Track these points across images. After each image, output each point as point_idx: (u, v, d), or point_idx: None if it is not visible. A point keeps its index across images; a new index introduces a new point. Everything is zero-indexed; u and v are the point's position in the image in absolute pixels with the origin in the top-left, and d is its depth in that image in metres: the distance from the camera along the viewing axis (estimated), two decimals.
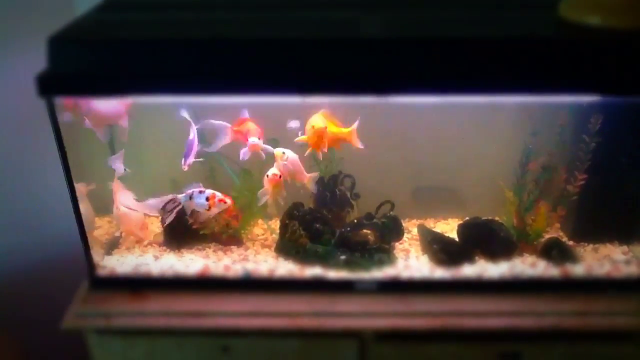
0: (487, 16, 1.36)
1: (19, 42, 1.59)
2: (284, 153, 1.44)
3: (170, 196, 1.42)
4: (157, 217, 1.56)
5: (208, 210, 1.41)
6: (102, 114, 1.39)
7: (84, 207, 1.40)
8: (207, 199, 1.40)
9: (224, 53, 1.18)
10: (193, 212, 1.43)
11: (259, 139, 1.43)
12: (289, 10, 1.40)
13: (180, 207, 1.42)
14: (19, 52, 1.59)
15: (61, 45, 1.18)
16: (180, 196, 1.42)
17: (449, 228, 1.63)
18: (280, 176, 1.44)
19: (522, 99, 1.23)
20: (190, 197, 1.41)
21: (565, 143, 1.44)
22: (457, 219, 1.63)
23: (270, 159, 1.47)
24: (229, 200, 1.42)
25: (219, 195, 1.41)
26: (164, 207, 1.41)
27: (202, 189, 1.42)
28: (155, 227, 1.64)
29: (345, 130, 1.44)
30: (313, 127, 1.41)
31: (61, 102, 1.31)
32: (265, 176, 1.44)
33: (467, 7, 1.41)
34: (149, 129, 1.53)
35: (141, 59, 1.18)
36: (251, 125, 1.43)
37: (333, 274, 1.43)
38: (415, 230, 1.61)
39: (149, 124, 1.51)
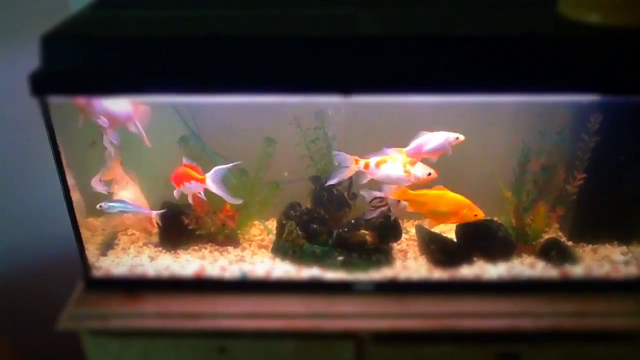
0: (486, 14, 1.35)
1: (12, 41, 1.57)
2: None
3: (378, 193, 1.40)
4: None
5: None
6: (113, 115, 1.39)
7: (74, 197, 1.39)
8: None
9: (220, 51, 1.16)
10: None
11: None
12: (286, 7, 1.39)
13: (386, 207, 1.41)
14: (13, 51, 1.57)
15: (54, 43, 1.16)
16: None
17: (447, 228, 1.62)
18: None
19: (520, 98, 1.22)
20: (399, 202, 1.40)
21: (565, 142, 1.44)
22: None
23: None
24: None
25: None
26: (370, 201, 1.41)
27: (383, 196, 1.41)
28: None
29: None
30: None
31: (72, 102, 1.33)
32: (427, 174, 1.39)
33: (466, 5, 1.40)
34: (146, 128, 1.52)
35: (136, 57, 1.16)
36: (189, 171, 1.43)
37: (330, 274, 1.42)
38: (413, 231, 1.61)
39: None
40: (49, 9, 1.47)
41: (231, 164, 1.43)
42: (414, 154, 1.41)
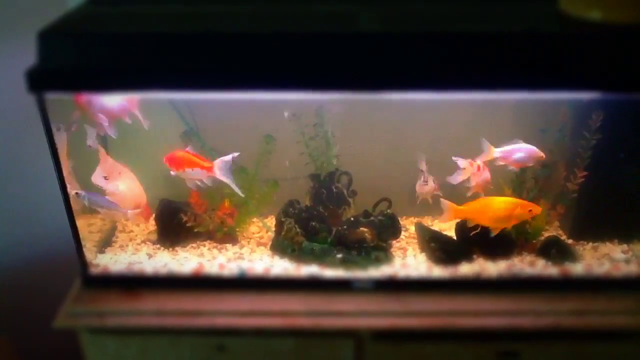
0: (487, 11, 1.34)
1: (9, 37, 1.57)
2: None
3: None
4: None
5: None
6: (110, 110, 1.39)
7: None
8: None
9: (216, 48, 1.15)
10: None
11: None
12: (283, 4, 1.38)
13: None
14: (10, 47, 1.56)
15: (51, 39, 1.15)
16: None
17: (447, 226, 1.62)
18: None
19: (521, 95, 1.21)
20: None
21: (565, 140, 1.43)
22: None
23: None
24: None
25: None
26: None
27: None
28: (149, 224, 1.62)
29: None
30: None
31: (72, 99, 1.33)
32: None
33: (468, 2, 1.39)
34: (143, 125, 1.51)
35: (132, 53, 1.15)
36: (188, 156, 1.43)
37: (329, 272, 1.41)
38: (412, 228, 1.60)
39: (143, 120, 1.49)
40: (46, 6, 1.46)
41: (232, 155, 1.42)
42: (504, 158, 1.43)
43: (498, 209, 1.39)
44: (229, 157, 1.42)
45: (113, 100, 1.38)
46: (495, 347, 1.34)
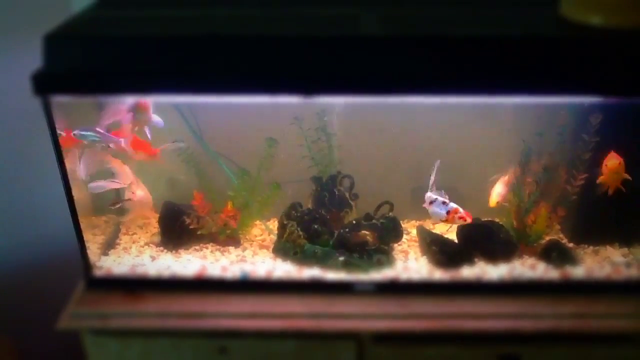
0: (488, 15, 1.35)
1: (15, 40, 1.58)
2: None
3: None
4: None
5: (443, 221, 1.43)
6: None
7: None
8: (448, 212, 1.40)
9: (222, 51, 1.16)
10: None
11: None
12: (286, 7, 1.39)
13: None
14: (15, 51, 1.58)
15: (57, 43, 1.17)
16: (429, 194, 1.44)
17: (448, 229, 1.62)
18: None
19: (522, 99, 1.22)
20: (431, 202, 1.43)
21: (565, 143, 1.43)
22: None
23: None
24: (469, 219, 1.41)
25: (461, 212, 1.40)
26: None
27: (447, 200, 1.42)
28: (153, 227, 1.63)
29: None
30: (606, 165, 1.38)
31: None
32: None
33: (468, 5, 1.40)
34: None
35: (138, 56, 1.16)
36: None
37: (331, 275, 1.42)
38: (414, 232, 1.60)
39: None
40: (51, 9, 1.47)
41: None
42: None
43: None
44: (177, 144, 1.47)
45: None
46: (496, 350, 1.35)
